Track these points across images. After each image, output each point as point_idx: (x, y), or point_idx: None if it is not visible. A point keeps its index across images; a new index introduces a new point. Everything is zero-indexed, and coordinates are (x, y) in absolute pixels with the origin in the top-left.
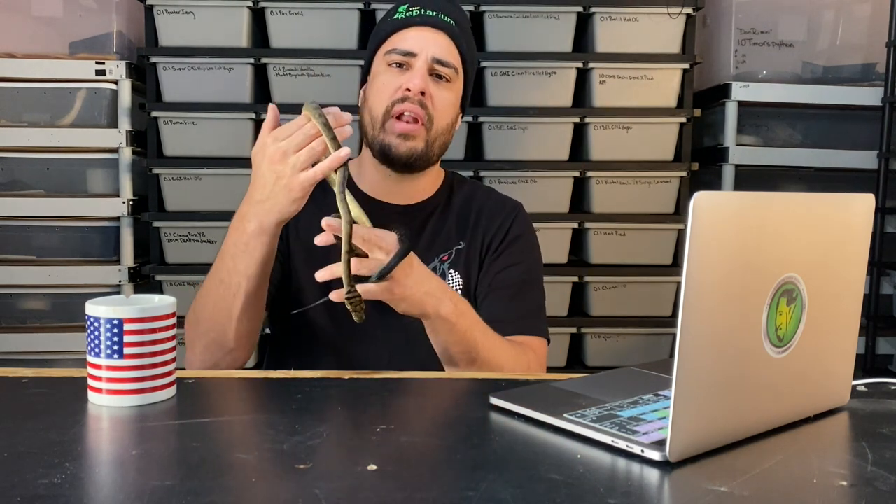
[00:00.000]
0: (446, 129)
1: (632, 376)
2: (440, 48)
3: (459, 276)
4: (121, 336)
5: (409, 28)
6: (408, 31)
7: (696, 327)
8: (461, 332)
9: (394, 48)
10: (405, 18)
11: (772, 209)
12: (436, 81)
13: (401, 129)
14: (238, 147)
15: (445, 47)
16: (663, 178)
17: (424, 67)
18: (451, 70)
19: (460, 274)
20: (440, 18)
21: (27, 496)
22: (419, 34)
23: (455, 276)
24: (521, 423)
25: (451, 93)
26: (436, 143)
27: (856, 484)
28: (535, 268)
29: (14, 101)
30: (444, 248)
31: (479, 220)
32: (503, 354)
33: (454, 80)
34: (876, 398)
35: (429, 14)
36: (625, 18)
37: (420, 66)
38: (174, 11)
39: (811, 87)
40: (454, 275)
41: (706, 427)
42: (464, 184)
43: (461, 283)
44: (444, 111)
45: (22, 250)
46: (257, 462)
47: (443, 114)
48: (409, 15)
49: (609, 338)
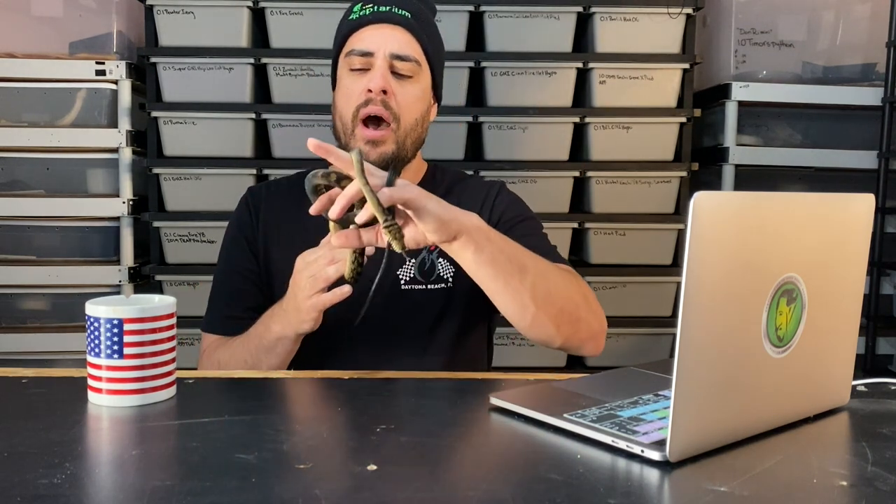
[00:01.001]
0: (415, 124)
1: (632, 376)
2: (398, 43)
3: (449, 264)
4: (121, 336)
5: (364, 28)
6: (363, 31)
7: (696, 327)
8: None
9: (351, 50)
10: (359, 18)
11: (772, 209)
12: (398, 78)
13: (368, 136)
14: (238, 147)
15: (404, 42)
16: (663, 178)
17: (384, 66)
18: (412, 64)
19: (450, 262)
20: (394, 13)
21: (27, 496)
22: (375, 32)
23: (445, 265)
24: (521, 423)
25: (416, 87)
26: (407, 141)
27: (856, 484)
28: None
29: (14, 101)
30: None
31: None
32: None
33: (418, 74)
34: (876, 398)
35: (382, 10)
36: (625, 18)
37: (379, 65)
38: (174, 11)
39: (811, 87)
40: (444, 263)
41: (706, 427)
42: (446, 173)
43: (452, 271)
44: (410, 107)
45: (22, 250)
46: (257, 462)
47: (409, 110)
48: (362, 14)
49: (609, 337)
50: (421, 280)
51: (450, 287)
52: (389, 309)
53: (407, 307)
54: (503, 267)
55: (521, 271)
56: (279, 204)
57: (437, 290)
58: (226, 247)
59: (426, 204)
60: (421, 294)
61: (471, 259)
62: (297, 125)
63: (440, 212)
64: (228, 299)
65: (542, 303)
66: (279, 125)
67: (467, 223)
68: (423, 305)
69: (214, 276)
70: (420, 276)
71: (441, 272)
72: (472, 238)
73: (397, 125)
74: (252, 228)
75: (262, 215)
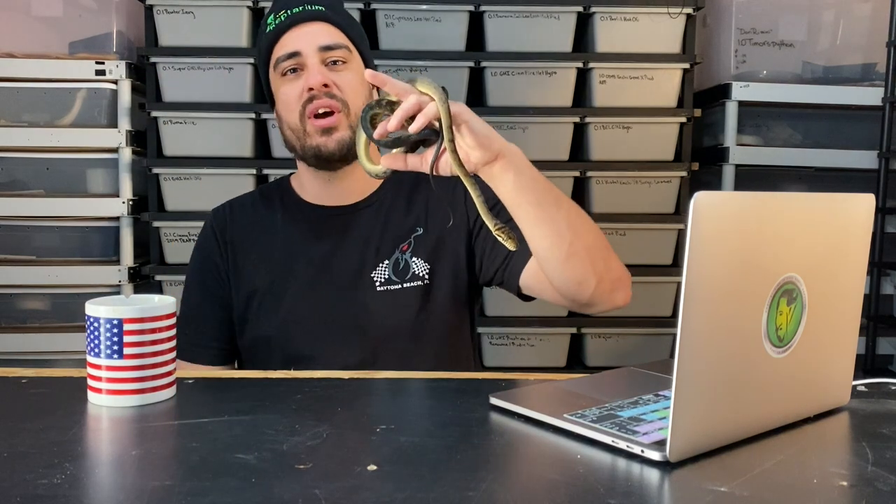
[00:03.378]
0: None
1: (632, 376)
2: (322, 36)
3: (424, 262)
4: (121, 336)
5: (284, 34)
6: (284, 38)
7: (696, 327)
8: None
9: (278, 57)
10: (275, 28)
11: (772, 209)
12: (332, 68)
13: (321, 125)
14: (238, 147)
15: (327, 33)
16: (663, 177)
17: (316, 60)
18: (342, 51)
19: (424, 260)
20: (308, 10)
21: (27, 496)
22: (296, 34)
23: (420, 264)
24: (521, 423)
25: (353, 72)
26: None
27: (856, 484)
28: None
29: (14, 101)
30: (403, 237)
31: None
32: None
33: (350, 59)
34: (876, 398)
35: (295, 11)
36: (625, 18)
37: (312, 62)
38: (174, 11)
39: (811, 87)
40: (418, 262)
41: (706, 427)
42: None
43: (427, 268)
44: (355, 90)
45: (22, 250)
46: (257, 462)
47: (354, 93)
48: (277, 22)
49: (609, 338)
50: (396, 280)
51: (427, 284)
52: (368, 311)
53: (384, 308)
54: (542, 194)
55: (557, 200)
56: (246, 220)
57: (413, 288)
58: (192, 274)
59: (470, 119)
60: (397, 294)
61: (511, 182)
62: None
63: (485, 129)
64: (197, 325)
65: (578, 234)
66: None
67: (509, 145)
68: (400, 305)
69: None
70: (395, 277)
71: (416, 270)
72: (513, 160)
73: (347, 111)
74: (218, 252)
75: (227, 236)
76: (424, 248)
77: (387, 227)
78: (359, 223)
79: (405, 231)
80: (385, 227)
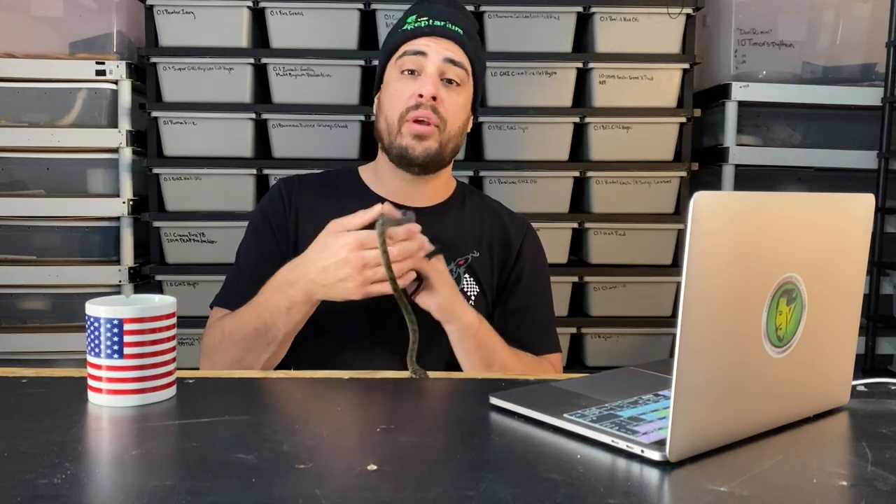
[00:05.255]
0: (458, 131)
1: (632, 376)
2: (450, 52)
3: (474, 283)
4: (121, 336)
5: (419, 38)
6: (418, 40)
7: (696, 327)
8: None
9: (405, 51)
10: (414, 29)
11: (772, 209)
12: (446, 86)
13: (416, 131)
14: (238, 147)
15: (455, 52)
16: (663, 178)
17: (435, 73)
18: (461, 71)
19: (475, 280)
20: (448, 28)
21: (27, 496)
22: (429, 41)
23: (470, 281)
24: (521, 423)
25: (462, 97)
26: (449, 145)
27: (856, 484)
28: (547, 285)
29: (14, 101)
30: (461, 253)
31: (494, 232)
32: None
33: (464, 84)
34: (876, 398)
35: (437, 24)
36: (625, 18)
37: (431, 71)
38: (174, 11)
39: (811, 87)
40: (469, 279)
41: (706, 427)
42: (473, 193)
43: (476, 289)
44: (456, 114)
45: (22, 250)
46: (257, 462)
47: (454, 117)
48: (417, 25)
49: (609, 338)
50: None
51: (473, 305)
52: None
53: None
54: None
55: (487, 365)
56: (314, 196)
57: None
58: (252, 230)
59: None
60: None
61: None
62: (297, 125)
63: (443, 301)
64: (251, 276)
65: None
66: (279, 125)
67: (463, 319)
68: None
69: (237, 257)
70: None
71: (466, 288)
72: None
73: (444, 127)
74: (283, 214)
75: (294, 202)
76: (477, 271)
77: (452, 237)
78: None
79: (464, 248)
80: (450, 237)
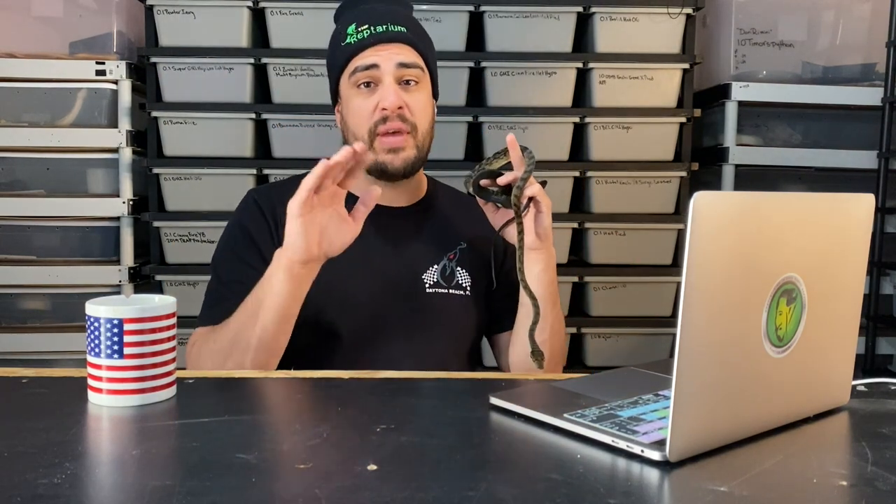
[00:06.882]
0: (429, 127)
1: (632, 376)
2: (401, 56)
3: (467, 274)
4: (121, 336)
5: (365, 50)
6: (364, 54)
7: (696, 327)
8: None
9: (356, 67)
10: (358, 42)
11: (772, 209)
12: (406, 88)
13: (389, 145)
14: (238, 147)
15: (405, 53)
16: (663, 178)
17: (392, 82)
18: (416, 70)
19: (467, 272)
20: (391, 31)
21: (27, 496)
22: (377, 51)
23: (463, 274)
24: (521, 423)
25: (423, 93)
26: (425, 145)
27: (856, 484)
28: None
29: (14, 101)
30: (450, 247)
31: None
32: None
33: (422, 79)
34: (876, 398)
35: (379, 30)
36: (625, 18)
37: (388, 81)
38: (174, 11)
39: (811, 87)
40: (461, 271)
41: (706, 427)
42: (440, 185)
43: (469, 281)
44: (423, 112)
45: (22, 250)
46: (257, 462)
47: (422, 116)
48: (360, 38)
49: (609, 338)
50: (444, 285)
51: (467, 295)
52: (418, 311)
53: (431, 309)
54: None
55: (555, 302)
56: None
57: (456, 296)
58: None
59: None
60: (443, 297)
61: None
62: (297, 125)
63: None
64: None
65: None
66: (279, 125)
67: (552, 250)
68: (445, 308)
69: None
70: (443, 281)
71: (460, 280)
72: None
73: (415, 133)
74: (267, 230)
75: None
76: (468, 263)
77: (438, 232)
78: (411, 225)
79: (451, 241)
80: (436, 233)
